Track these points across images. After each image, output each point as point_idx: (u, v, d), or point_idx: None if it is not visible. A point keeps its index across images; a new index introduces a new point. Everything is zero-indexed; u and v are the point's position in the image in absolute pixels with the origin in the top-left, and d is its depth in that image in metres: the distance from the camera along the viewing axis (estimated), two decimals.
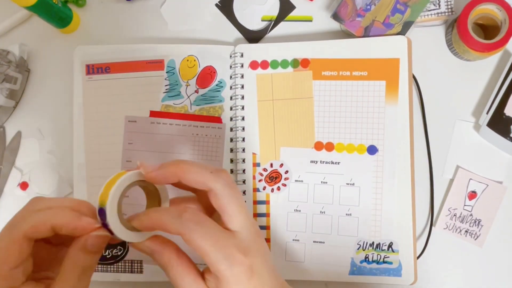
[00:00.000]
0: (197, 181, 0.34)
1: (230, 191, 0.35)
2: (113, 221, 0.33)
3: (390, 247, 0.53)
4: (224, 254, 0.32)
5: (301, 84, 0.55)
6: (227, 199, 0.34)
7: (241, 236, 0.34)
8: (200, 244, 0.32)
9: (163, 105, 0.57)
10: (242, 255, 0.33)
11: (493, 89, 0.56)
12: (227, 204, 0.34)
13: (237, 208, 0.35)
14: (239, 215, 0.34)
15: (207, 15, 0.60)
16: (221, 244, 0.33)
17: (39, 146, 0.59)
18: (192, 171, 0.35)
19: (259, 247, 0.35)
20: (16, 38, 0.61)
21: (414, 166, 0.54)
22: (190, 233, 0.32)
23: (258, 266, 0.34)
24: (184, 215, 0.33)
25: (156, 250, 0.35)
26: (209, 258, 0.32)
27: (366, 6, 0.55)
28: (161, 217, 0.34)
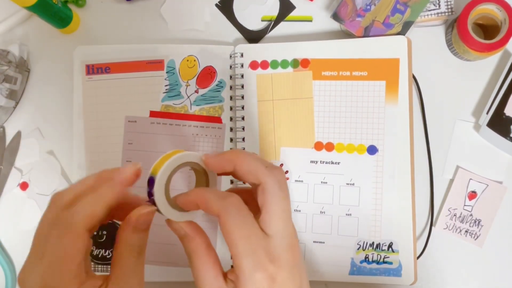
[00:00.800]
0: (250, 171, 0.34)
1: (279, 190, 0.33)
2: (159, 193, 0.33)
3: (390, 247, 0.53)
4: (252, 252, 0.31)
5: (301, 84, 0.55)
6: (272, 197, 0.33)
7: (274, 242, 0.32)
8: (233, 231, 0.31)
9: (163, 105, 0.57)
10: (269, 261, 0.31)
11: (493, 89, 0.56)
12: (271, 203, 0.33)
13: (280, 211, 0.33)
14: (279, 218, 0.33)
15: (207, 15, 0.60)
16: (252, 241, 0.31)
17: (39, 146, 0.59)
18: (248, 161, 0.34)
19: (290, 259, 0.33)
20: (16, 38, 0.61)
21: (414, 166, 0.54)
22: (227, 216, 0.31)
23: (283, 278, 0.32)
24: (229, 198, 0.32)
25: (189, 233, 0.34)
26: (235, 249, 0.31)
27: (366, 6, 0.55)
28: (206, 193, 0.33)
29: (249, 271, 0.31)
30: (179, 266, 0.55)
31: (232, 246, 0.31)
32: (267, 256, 0.31)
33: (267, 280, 0.31)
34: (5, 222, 0.59)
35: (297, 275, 0.33)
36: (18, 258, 0.58)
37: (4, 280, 0.57)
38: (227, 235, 0.31)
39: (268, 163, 0.34)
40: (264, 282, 0.31)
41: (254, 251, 0.31)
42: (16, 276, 0.58)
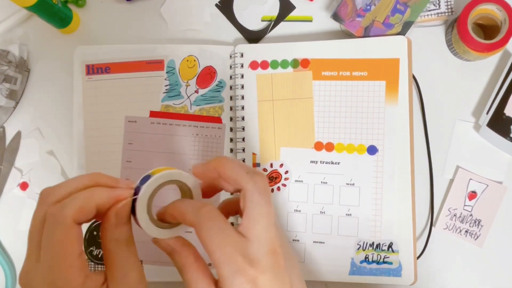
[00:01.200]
0: (231, 177, 0.34)
1: (259, 196, 0.33)
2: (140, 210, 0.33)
3: (390, 247, 0.53)
4: (228, 258, 0.31)
5: (301, 84, 0.55)
6: (251, 203, 0.32)
7: (253, 246, 0.32)
8: (208, 241, 0.31)
9: (163, 105, 0.57)
10: (248, 265, 0.31)
11: (493, 89, 0.56)
12: (250, 208, 0.32)
13: (258, 216, 0.32)
14: (258, 223, 0.32)
15: (207, 15, 0.60)
16: (228, 248, 0.31)
17: (39, 146, 0.59)
18: (229, 167, 0.34)
19: (273, 264, 0.32)
20: (16, 38, 0.61)
21: (414, 166, 0.54)
22: (201, 226, 0.31)
23: (265, 282, 0.31)
24: (202, 209, 0.32)
25: (176, 249, 0.34)
26: (213, 259, 0.31)
27: (366, 6, 0.55)
28: (182, 205, 0.33)
29: (228, 277, 0.31)
30: None
31: (210, 256, 0.31)
32: (245, 261, 0.31)
33: (248, 284, 0.31)
34: (5, 222, 0.58)
35: (285, 279, 0.32)
36: (18, 258, 0.58)
37: (4, 280, 0.57)
38: (204, 245, 0.31)
39: (250, 169, 0.34)
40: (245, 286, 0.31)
41: (231, 257, 0.31)
42: (16, 276, 0.58)
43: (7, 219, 0.59)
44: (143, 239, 0.38)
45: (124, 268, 0.32)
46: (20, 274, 0.32)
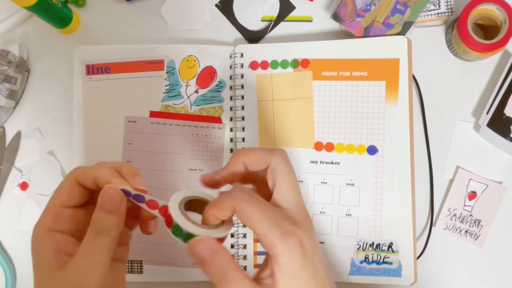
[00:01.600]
0: (257, 158, 0.36)
1: (286, 167, 0.35)
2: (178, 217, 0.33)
3: (390, 248, 0.53)
4: (276, 224, 0.31)
5: (301, 84, 0.55)
6: (281, 174, 0.35)
7: (291, 213, 0.33)
8: (251, 213, 0.32)
9: (163, 105, 0.57)
10: (294, 225, 0.32)
11: (493, 89, 0.56)
12: (281, 180, 0.34)
13: (290, 185, 0.35)
14: (290, 192, 0.34)
15: (207, 15, 0.60)
16: (271, 215, 0.32)
17: (39, 146, 0.59)
18: (253, 152, 0.36)
19: (309, 229, 0.34)
20: (16, 38, 0.61)
21: (414, 166, 0.54)
22: (240, 203, 0.32)
23: (309, 245, 0.32)
24: (234, 190, 0.34)
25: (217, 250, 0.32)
26: (261, 229, 0.31)
27: (366, 6, 0.55)
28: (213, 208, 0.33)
29: (280, 241, 0.31)
30: (179, 266, 0.55)
31: (256, 228, 0.32)
32: (291, 223, 0.32)
33: (298, 245, 0.31)
34: (5, 222, 0.58)
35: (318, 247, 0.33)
36: (18, 258, 0.58)
37: (4, 280, 0.57)
38: (247, 220, 0.32)
39: (271, 148, 0.37)
40: (296, 247, 0.31)
41: (277, 222, 0.32)
42: (16, 276, 0.58)
43: (7, 219, 0.58)
44: (144, 240, 0.38)
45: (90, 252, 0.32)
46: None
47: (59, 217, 0.34)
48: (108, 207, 0.33)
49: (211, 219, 0.34)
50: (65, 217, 0.34)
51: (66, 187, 0.35)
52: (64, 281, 0.31)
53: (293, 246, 0.31)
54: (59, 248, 0.33)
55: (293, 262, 0.31)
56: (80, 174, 0.35)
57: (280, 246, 0.31)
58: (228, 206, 0.33)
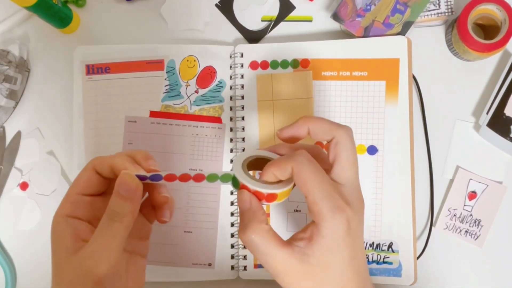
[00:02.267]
0: (323, 128, 0.36)
1: (350, 143, 0.35)
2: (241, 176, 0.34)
3: (390, 247, 0.53)
4: (328, 195, 0.32)
5: (301, 84, 0.55)
6: (344, 149, 0.34)
7: (346, 189, 0.34)
8: (307, 179, 0.32)
9: (163, 105, 0.57)
10: (345, 203, 0.32)
11: (493, 89, 0.56)
12: (342, 155, 0.34)
13: (350, 162, 0.35)
14: (351, 169, 0.34)
15: (207, 15, 0.60)
16: (326, 186, 0.32)
17: (39, 146, 0.59)
18: (319, 120, 0.36)
19: (361, 209, 0.34)
20: (16, 38, 0.61)
21: (414, 166, 0.54)
22: (300, 166, 0.32)
23: (355, 225, 0.32)
24: (297, 152, 0.34)
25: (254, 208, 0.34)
26: (312, 196, 0.32)
27: (366, 6, 0.55)
28: (275, 161, 0.34)
29: (328, 212, 0.31)
30: (179, 266, 0.55)
31: (309, 194, 0.32)
32: (343, 200, 0.32)
33: (345, 223, 0.32)
34: (5, 222, 0.58)
35: (362, 230, 0.34)
36: (18, 258, 0.58)
37: (4, 280, 0.57)
38: (303, 184, 0.32)
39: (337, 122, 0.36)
40: (342, 224, 0.32)
41: (330, 194, 0.32)
42: (16, 276, 0.58)
43: (7, 219, 0.58)
44: None
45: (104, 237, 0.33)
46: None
47: (77, 205, 0.35)
48: (123, 193, 0.34)
49: (268, 176, 0.34)
50: (83, 205, 0.35)
51: (85, 175, 0.36)
52: (77, 264, 0.32)
53: (339, 222, 0.31)
54: (76, 233, 0.34)
55: (335, 237, 0.32)
56: (98, 162, 0.36)
57: (327, 218, 0.31)
58: (288, 167, 0.33)
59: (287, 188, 0.34)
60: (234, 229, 0.55)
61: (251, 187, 0.34)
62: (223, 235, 0.55)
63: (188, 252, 0.55)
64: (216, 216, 0.55)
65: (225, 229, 0.55)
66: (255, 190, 0.34)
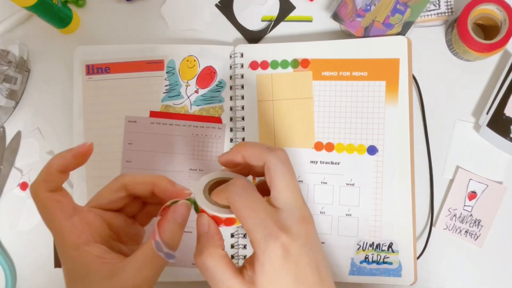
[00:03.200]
0: (254, 154, 0.36)
1: (282, 166, 0.34)
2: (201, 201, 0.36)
3: (390, 248, 0.53)
4: (261, 223, 0.32)
5: (301, 84, 0.55)
6: (277, 174, 0.34)
7: (284, 213, 0.33)
8: (241, 208, 0.32)
9: (163, 105, 0.57)
10: (279, 230, 0.32)
11: (493, 89, 0.56)
12: (276, 178, 0.34)
13: (286, 184, 0.34)
14: (286, 192, 0.34)
15: (207, 15, 0.60)
16: (260, 213, 0.32)
17: (39, 146, 0.59)
18: (251, 146, 0.36)
19: (303, 232, 0.33)
20: (16, 38, 0.61)
21: (414, 166, 0.54)
22: (234, 196, 0.33)
23: (296, 250, 0.32)
24: (233, 181, 0.34)
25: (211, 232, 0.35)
26: (247, 225, 0.32)
27: (366, 6, 0.55)
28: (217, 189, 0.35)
29: (261, 241, 0.32)
30: (179, 266, 0.55)
31: (244, 224, 0.32)
32: (276, 225, 0.32)
33: (281, 249, 0.31)
34: (5, 222, 0.58)
35: (311, 251, 0.33)
36: (18, 258, 0.58)
37: (4, 280, 0.57)
38: (238, 215, 0.33)
39: (270, 145, 0.36)
40: (278, 251, 0.31)
41: (263, 222, 0.32)
42: (16, 276, 0.58)
43: (7, 219, 0.59)
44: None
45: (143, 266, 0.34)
46: None
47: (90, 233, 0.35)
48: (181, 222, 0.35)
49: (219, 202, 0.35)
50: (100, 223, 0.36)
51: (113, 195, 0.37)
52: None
53: (274, 249, 0.31)
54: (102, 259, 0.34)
55: (273, 264, 0.31)
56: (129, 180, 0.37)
57: (262, 247, 0.32)
58: (224, 197, 0.34)
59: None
60: (234, 228, 0.55)
61: (209, 211, 0.35)
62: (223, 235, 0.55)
63: (188, 252, 0.55)
64: None
65: (225, 229, 0.55)
66: (213, 214, 0.35)
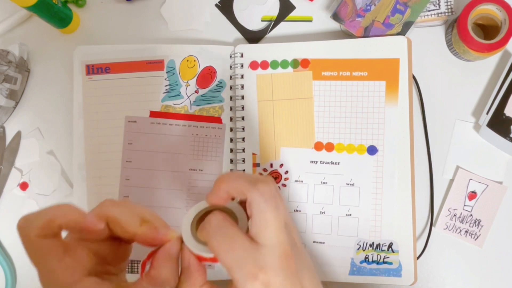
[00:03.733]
0: (237, 189, 0.34)
1: (264, 204, 0.33)
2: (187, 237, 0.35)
3: (390, 248, 0.53)
4: (239, 264, 0.32)
5: (301, 84, 0.55)
6: (257, 210, 0.33)
7: (264, 251, 0.32)
8: (219, 250, 0.32)
9: (163, 105, 0.57)
10: (258, 269, 0.31)
11: (493, 89, 0.56)
12: (256, 215, 0.33)
13: (266, 221, 0.33)
14: (268, 228, 0.33)
15: (207, 15, 0.60)
16: (238, 253, 0.32)
17: (39, 146, 0.59)
18: (232, 181, 0.34)
19: (284, 267, 0.32)
20: (16, 38, 0.61)
21: (414, 166, 0.54)
22: (212, 239, 0.33)
23: (277, 286, 0.31)
24: (210, 222, 0.34)
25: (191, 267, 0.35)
26: (226, 266, 0.32)
27: (366, 6, 0.55)
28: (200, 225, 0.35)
29: (240, 281, 0.31)
30: None
31: (224, 265, 0.32)
32: (255, 265, 0.31)
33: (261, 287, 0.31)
34: (5, 222, 0.59)
35: (296, 282, 0.33)
36: (18, 258, 0.58)
37: (4, 280, 0.57)
38: (218, 256, 0.32)
39: (253, 177, 0.34)
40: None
41: (241, 262, 0.32)
42: (16, 276, 0.58)
43: (7, 219, 0.59)
44: None
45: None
46: None
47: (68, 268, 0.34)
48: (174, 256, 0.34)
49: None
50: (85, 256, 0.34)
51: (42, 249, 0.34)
52: None
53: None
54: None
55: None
56: (40, 231, 0.34)
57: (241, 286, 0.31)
58: (204, 235, 0.34)
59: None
60: None
61: (194, 251, 0.34)
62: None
63: None
64: None
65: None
66: (197, 254, 0.35)
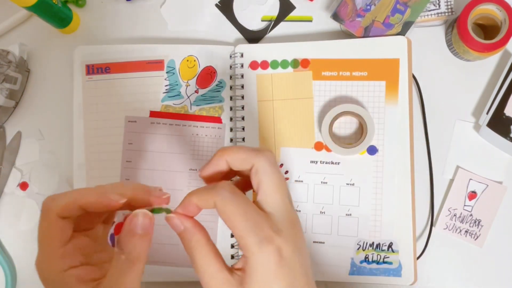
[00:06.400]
0: (240, 158, 0.34)
1: (270, 168, 0.33)
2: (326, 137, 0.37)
3: (390, 247, 0.53)
4: (254, 227, 0.31)
5: (301, 84, 0.55)
6: (265, 176, 0.33)
7: (274, 217, 0.32)
8: (231, 213, 0.31)
9: (163, 105, 0.57)
10: (274, 232, 0.31)
11: (493, 89, 0.56)
12: (264, 181, 0.33)
13: (274, 188, 0.33)
14: (275, 194, 0.33)
15: (207, 15, 0.60)
16: (252, 217, 0.31)
17: (39, 146, 0.59)
18: (236, 151, 0.35)
19: (293, 235, 0.32)
20: (16, 38, 0.61)
21: (414, 166, 0.54)
22: (221, 201, 0.32)
23: (289, 253, 0.31)
24: (218, 185, 0.33)
25: (188, 228, 0.34)
26: (238, 231, 0.31)
27: (366, 6, 0.55)
28: (196, 192, 0.33)
29: (255, 246, 0.31)
30: (179, 266, 0.55)
31: (234, 229, 0.31)
32: (271, 228, 0.31)
33: (275, 253, 0.31)
34: (5, 222, 0.58)
35: (301, 255, 0.33)
36: (18, 258, 0.58)
37: (4, 280, 0.57)
38: (227, 219, 0.32)
39: (256, 148, 0.35)
40: (272, 256, 0.31)
41: (257, 226, 0.31)
42: (17, 276, 0.58)
43: (7, 219, 0.59)
44: None
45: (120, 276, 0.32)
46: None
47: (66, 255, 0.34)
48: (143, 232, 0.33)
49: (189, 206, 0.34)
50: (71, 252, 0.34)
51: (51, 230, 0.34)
52: None
53: (268, 254, 0.31)
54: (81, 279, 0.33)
55: (267, 270, 0.31)
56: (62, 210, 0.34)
57: (255, 252, 0.31)
58: (210, 201, 0.32)
59: None
60: None
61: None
62: (223, 235, 0.55)
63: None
64: (215, 216, 0.55)
65: (225, 229, 0.55)
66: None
